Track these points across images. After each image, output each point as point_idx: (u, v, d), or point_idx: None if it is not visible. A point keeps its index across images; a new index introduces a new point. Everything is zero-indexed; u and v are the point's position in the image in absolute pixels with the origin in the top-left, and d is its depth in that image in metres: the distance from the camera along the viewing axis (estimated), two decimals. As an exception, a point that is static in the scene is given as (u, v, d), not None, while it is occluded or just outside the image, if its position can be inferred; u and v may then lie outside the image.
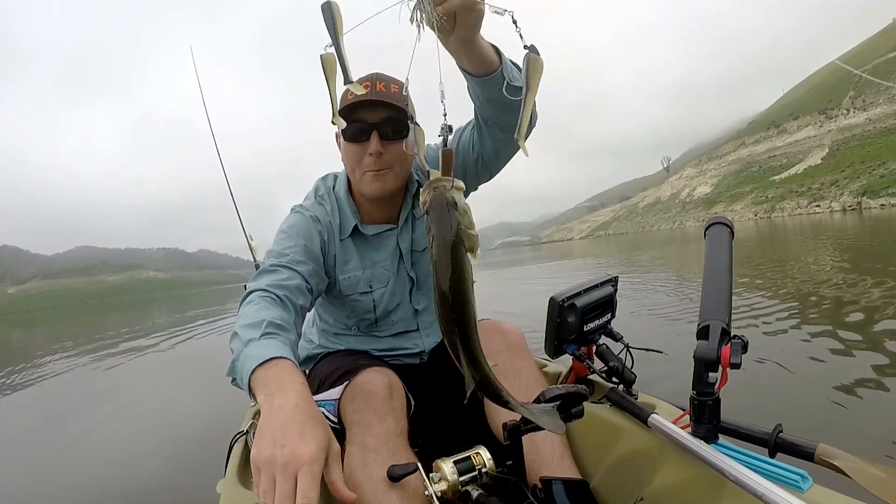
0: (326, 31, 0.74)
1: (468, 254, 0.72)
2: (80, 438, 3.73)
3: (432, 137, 0.91)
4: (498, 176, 1.33)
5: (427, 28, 0.72)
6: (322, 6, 0.73)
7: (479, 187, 1.36)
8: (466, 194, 0.75)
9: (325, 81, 0.79)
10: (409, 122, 0.83)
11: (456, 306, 0.73)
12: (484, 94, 1.02)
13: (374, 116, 1.19)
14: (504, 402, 0.84)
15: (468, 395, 0.78)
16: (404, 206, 1.36)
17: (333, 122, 0.89)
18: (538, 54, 0.75)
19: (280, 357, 0.89)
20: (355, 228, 1.33)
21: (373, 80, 1.18)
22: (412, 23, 0.69)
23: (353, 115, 1.18)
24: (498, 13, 0.72)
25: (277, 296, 1.08)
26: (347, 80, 0.82)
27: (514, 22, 0.72)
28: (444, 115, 0.84)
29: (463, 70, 0.97)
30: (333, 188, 1.37)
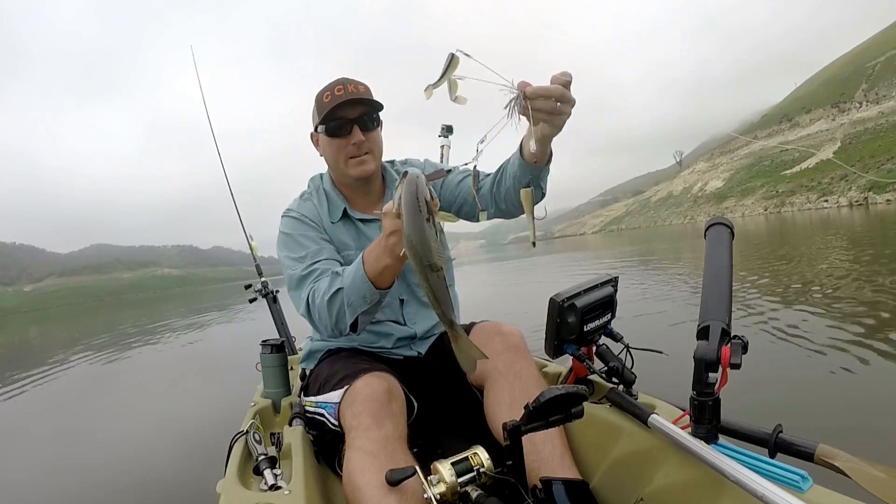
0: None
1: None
2: (79, 438, 3.79)
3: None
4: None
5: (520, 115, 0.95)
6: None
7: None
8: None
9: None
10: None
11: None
12: (518, 172, 1.20)
13: (353, 112, 1.36)
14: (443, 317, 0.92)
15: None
16: (385, 196, 1.51)
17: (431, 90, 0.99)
18: (529, 187, 1.04)
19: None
20: (345, 213, 1.48)
21: (343, 83, 1.35)
22: (506, 109, 0.93)
23: (334, 114, 1.35)
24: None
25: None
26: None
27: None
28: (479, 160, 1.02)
29: (522, 154, 1.16)
30: (321, 186, 1.54)
